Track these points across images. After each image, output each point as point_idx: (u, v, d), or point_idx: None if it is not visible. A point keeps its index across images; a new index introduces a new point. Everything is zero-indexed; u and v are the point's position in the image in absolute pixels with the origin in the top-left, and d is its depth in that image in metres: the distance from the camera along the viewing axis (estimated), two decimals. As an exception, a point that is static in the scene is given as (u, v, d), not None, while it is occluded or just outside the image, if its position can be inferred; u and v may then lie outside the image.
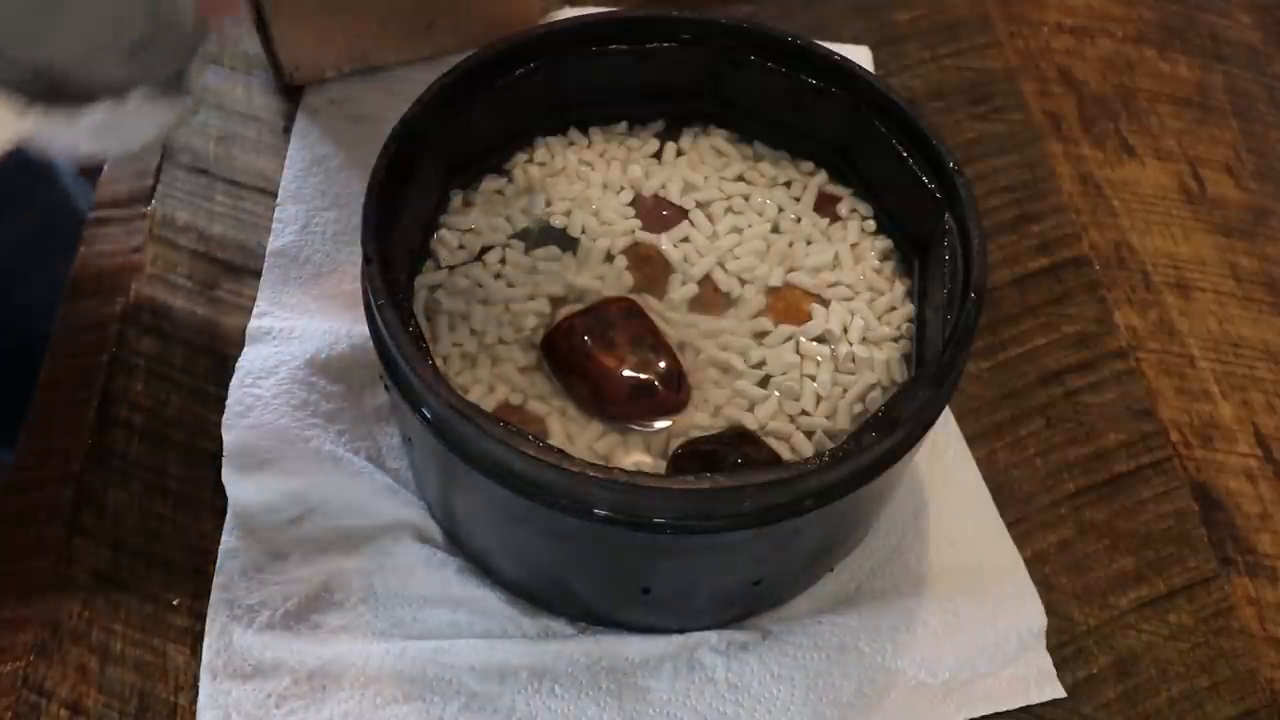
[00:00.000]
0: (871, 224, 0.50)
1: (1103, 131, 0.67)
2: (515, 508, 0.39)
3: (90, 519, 0.49)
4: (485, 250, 0.48)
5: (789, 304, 0.47)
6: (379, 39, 0.64)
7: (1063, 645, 0.47)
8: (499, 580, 0.46)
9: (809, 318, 0.47)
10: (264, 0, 0.60)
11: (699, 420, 0.44)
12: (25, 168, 0.67)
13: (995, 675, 0.46)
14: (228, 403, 0.51)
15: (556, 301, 0.47)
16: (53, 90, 0.35)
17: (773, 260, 0.49)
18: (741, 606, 0.46)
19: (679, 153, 0.52)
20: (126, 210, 0.59)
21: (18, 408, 0.52)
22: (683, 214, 0.50)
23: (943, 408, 0.41)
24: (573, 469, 0.36)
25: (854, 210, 0.51)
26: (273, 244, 0.58)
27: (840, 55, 0.49)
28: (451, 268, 0.48)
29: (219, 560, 0.47)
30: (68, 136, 0.36)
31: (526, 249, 0.49)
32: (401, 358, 0.38)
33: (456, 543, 0.47)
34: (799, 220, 0.50)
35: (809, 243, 0.49)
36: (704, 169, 0.52)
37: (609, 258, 0.49)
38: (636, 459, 0.43)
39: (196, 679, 0.44)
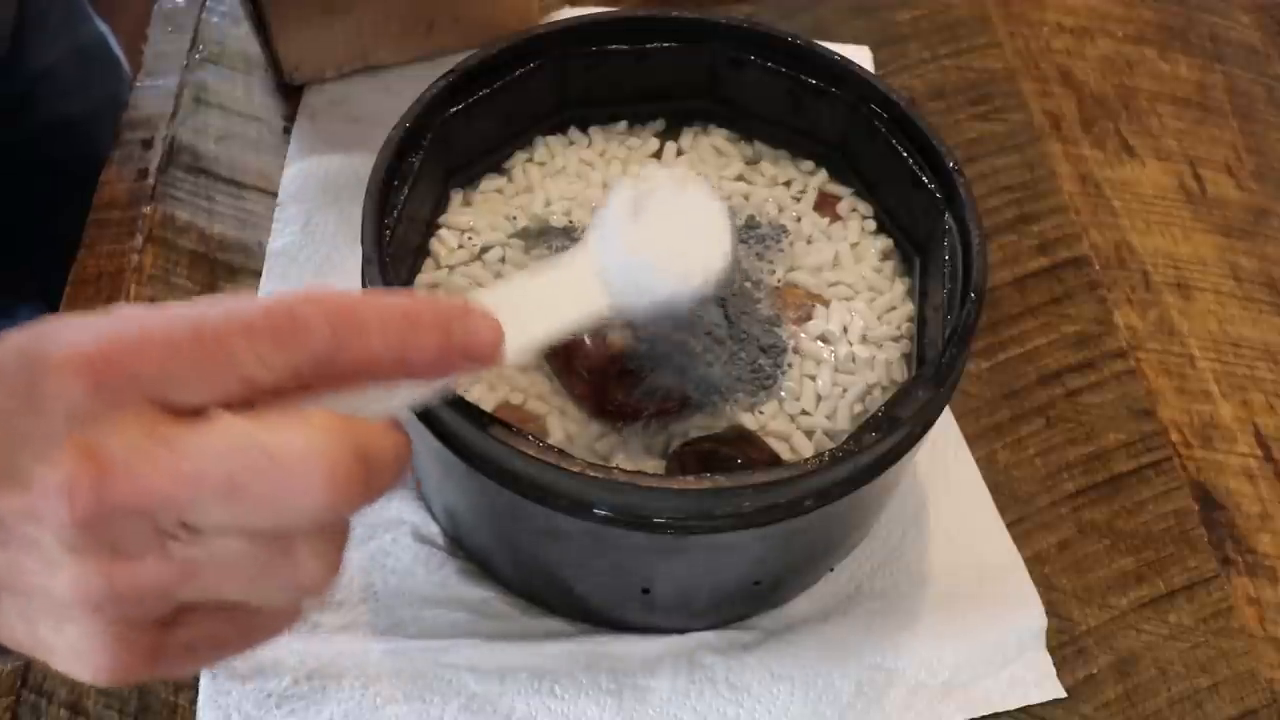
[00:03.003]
0: (871, 224, 0.50)
1: (1103, 131, 0.67)
2: (515, 508, 0.39)
3: (90, 519, 0.48)
4: (485, 250, 0.48)
5: (789, 304, 0.47)
6: (379, 39, 0.64)
7: (1063, 645, 0.47)
8: (499, 580, 0.46)
9: (809, 317, 0.47)
10: (264, 0, 0.60)
11: (699, 420, 0.44)
12: (73, 8, 0.71)
13: (995, 675, 0.46)
14: (228, 403, 0.51)
15: (556, 301, 0.47)
16: None
17: (773, 260, 0.49)
18: (741, 606, 0.46)
19: (679, 152, 0.52)
20: (126, 210, 0.59)
21: (59, 233, 0.56)
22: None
23: (943, 408, 0.41)
24: (573, 469, 0.36)
25: (854, 210, 0.51)
26: (273, 244, 0.58)
27: (840, 55, 0.49)
28: (451, 267, 0.48)
29: (219, 560, 0.47)
30: None
31: (526, 249, 0.49)
32: (401, 358, 0.38)
33: (457, 543, 0.47)
34: (799, 220, 0.50)
35: (809, 242, 0.49)
36: (704, 168, 0.52)
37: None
38: (636, 459, 0.43)
39: (196, 679, 0.44)
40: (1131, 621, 0.48)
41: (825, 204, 0.51)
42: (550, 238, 0.49)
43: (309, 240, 0.58)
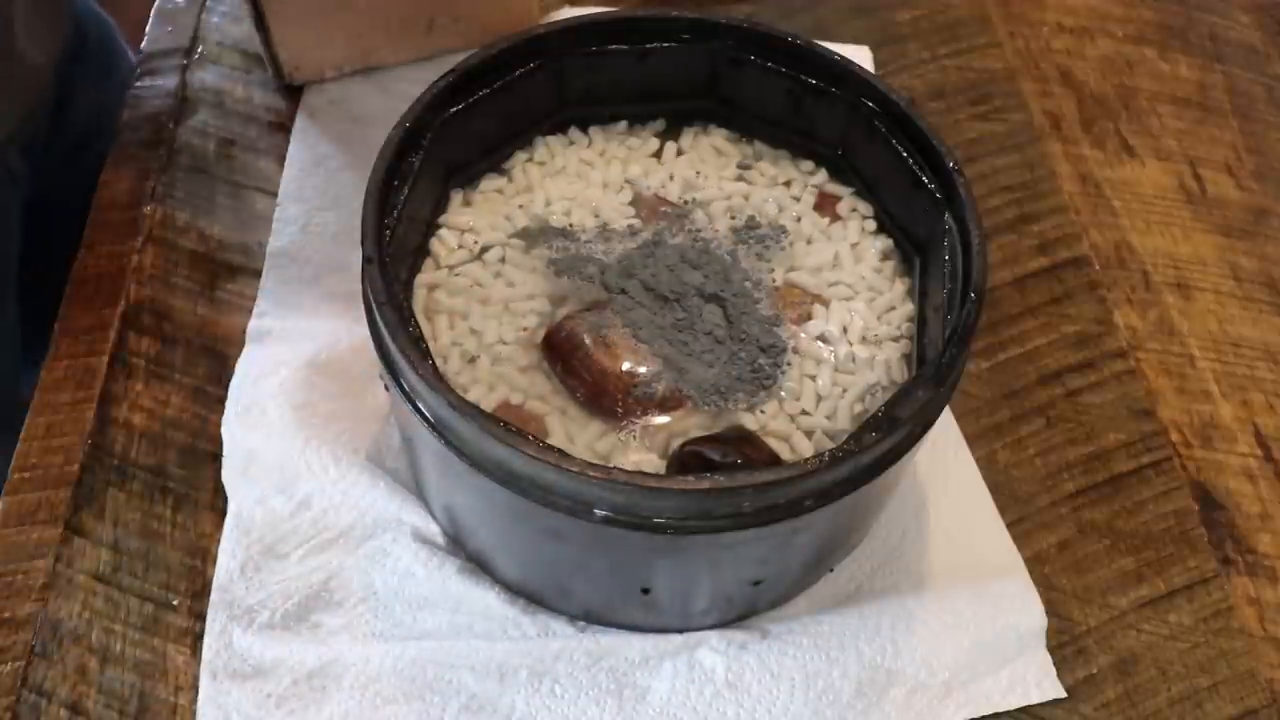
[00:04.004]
0: (871, 224, 0.50)
1: (1103, 131, 0.67)
2: (515, 508, 0.39)
3: (90, 519, 0.49)
4: (485, 250, 0.48)
5: (789, 304, 0.47)
6: (379, 39, 0.64)
7: (1063, 645, 0.47)
8: (499, 580, 0.46)
9: (809, 317, 0.47)
10: (264, 1, 0.60)
11: (699, 420, 0.44)
12: (109, 44, 0.71)
13: (995, 675, 0.46)
14: (228, 403, 0.51)
15: (556, 301, 0.47)
16: None
17: (773, 260, 0.49)
18: (741, 606, 0.46)
19: (679, 152, 0.52)
20: (126, 210, 0.59)
21: None
22: (683, 213, 0.50)
23: (943, 408, 0.41)
24: (573, 469, 0.36)
25: (854, 210, 0.51)
26: (273, 244, 0.58)
27: (840, 55, 0.49)
28: (451, 267, 0.48)
29: (219, 560, 0.47)
30: None
31: (526, 249, 0.49)
32: (401, 358, 0.39)
33: (456, 542, 0.47)
34: (799, 220, 0.50)
35: (809, 242, 0.49)
36: (704, 168, 0.52)
37: (609, 258, 0.49)
38: (636, 459, 0.43)
39: (196, 679, 0.44)
40: (1131, 621, 0.48)
41: (825, 204, 0.51)
42: (550, 238, 0.49)
43: (309, 240, 0.58)
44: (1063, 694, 0.46)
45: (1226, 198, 0.65)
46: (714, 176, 0.51)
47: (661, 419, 0.44)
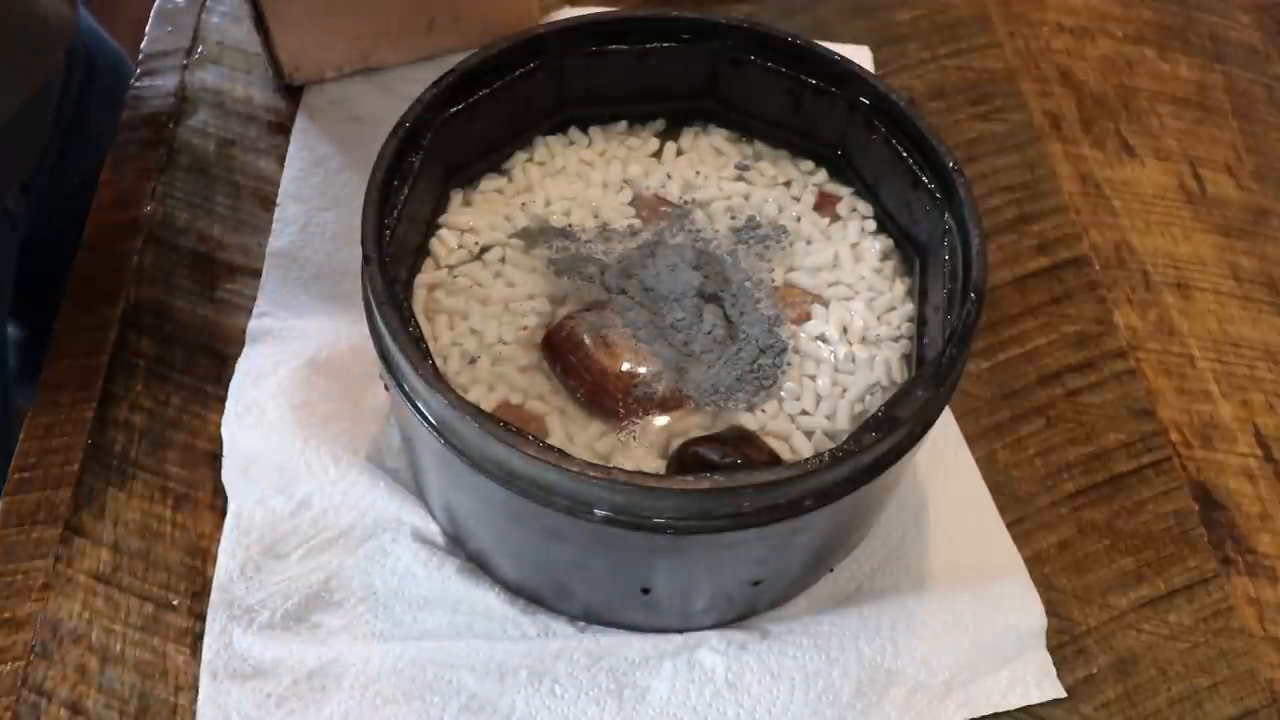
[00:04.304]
0: (871, 224, 0.50)
1: (1103, 131, 0.67)
2: (515, 508, 0.39)
3: (90, 519, 0.49)
4: (485, 250, 0.48)
5: (789, 304, 0.47)
6: (379, 39, 0.64)
7: (1063, 645, 0.47)
8: (499, 580, 0.46)
9: (809, 317, 0.47)
10: (264, 2, 0.60)
11: (699, 420, 0.44)
12: (118, 69, 0.71)
13: (995, 675, 0.46)
14: (228, 403, 0.51)
15: (556, 301, 0.47)
16: None
17: (773, 260, 0.49)
18: (741, 606, 0.46)
19: (679, 152, 0.52)
20: (126, 210, 0.59)
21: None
22: (683, 213, 0.50)
23: (943, 408, 0.41)
24: (573, 469, 0.36)
25: (854, 210, 0.51)
26: (273, 244, 0.58)
27: (840, 55, 0.49)
28: (451, 267, 0.48)
29: (219, 560, 0.47)
30: None
31: (526, 248, 0.49)
32: (402, 358, 0.39)
33: (456, 542, 0.47)
34: (799, 220, 0.50)
35: (809, 242, 0.49)
36: (704, 168, 0.52)
37: (609, 258, 0.48)
38: (636, 459, 0.43)
39: (196, 679, 0.44)
40: (1131, 621, 0.48)
41: (825, 204, 0.51)
42: (550, 238, 0.49)
43: (309, 240, 0.58)
44: (1063, 694, 0.46)
45: (1226, 198, 0.65)
46: (714, 176, 0.51)
47: (661, 419, 0.44)
